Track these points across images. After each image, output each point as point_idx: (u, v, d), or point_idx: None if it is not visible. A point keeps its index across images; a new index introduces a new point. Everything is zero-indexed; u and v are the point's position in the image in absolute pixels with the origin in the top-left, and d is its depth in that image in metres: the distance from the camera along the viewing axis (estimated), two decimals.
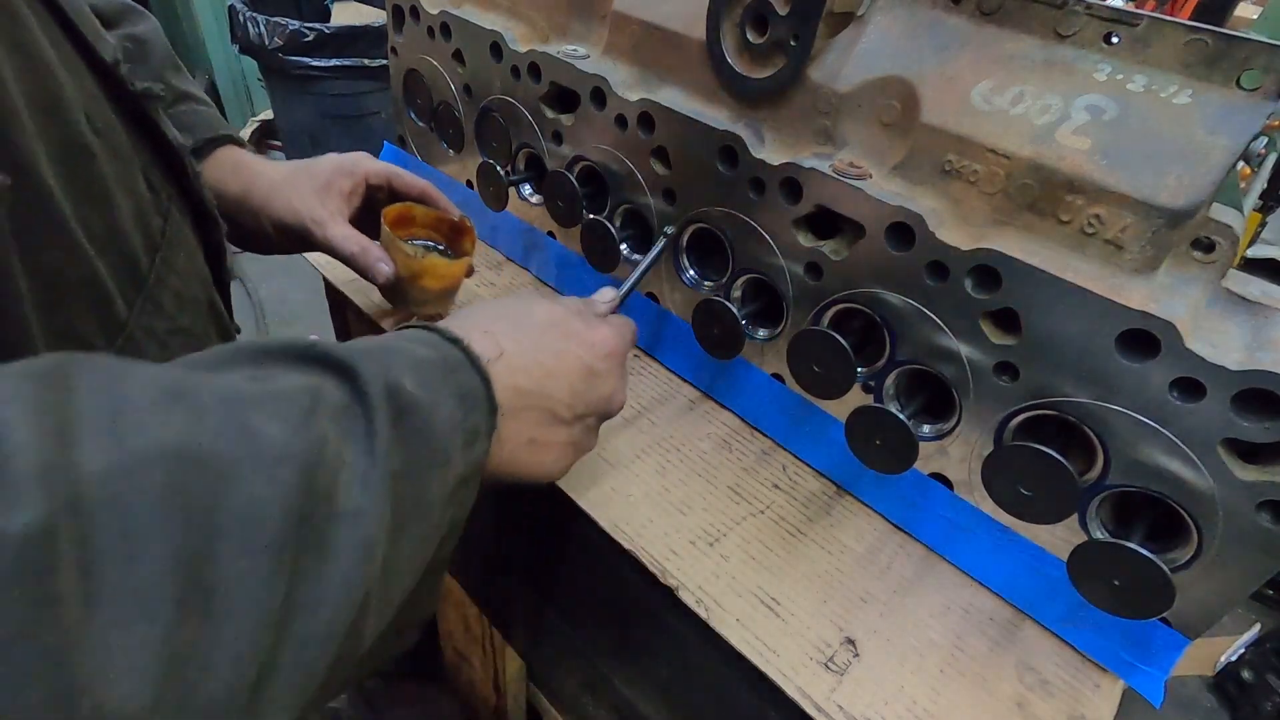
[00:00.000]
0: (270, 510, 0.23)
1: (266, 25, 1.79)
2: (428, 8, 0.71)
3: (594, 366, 0.44)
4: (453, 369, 0.35)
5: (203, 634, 0.21)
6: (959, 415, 0.48)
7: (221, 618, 0.21)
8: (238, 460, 0.23)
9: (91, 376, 0.22)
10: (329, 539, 0.25)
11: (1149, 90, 0.40)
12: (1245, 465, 0.38)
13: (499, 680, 0.99)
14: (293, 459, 0.24)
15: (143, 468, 0.21)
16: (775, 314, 0.56)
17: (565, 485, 0.53)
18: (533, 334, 0.42)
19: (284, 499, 0.23)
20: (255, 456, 0.24)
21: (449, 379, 0.34)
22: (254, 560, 0.22)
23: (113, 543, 0.20)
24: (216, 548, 0.22)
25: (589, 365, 0.43)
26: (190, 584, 0.21)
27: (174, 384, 0.24)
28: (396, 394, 0.30)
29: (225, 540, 0.22)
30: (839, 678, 0.44)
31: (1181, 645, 0.44)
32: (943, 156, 0.45)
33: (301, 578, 0.24)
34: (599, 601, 0.59)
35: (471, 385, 0.35)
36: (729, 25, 0.52)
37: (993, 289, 0.42)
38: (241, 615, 0.22)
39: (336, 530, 0.25)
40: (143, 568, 0.20)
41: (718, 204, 0.55)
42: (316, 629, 0.24)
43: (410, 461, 0.30)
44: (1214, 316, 0.39)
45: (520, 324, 0.42)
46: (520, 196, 0.73)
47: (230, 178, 0.59)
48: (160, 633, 0.20)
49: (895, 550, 0.52)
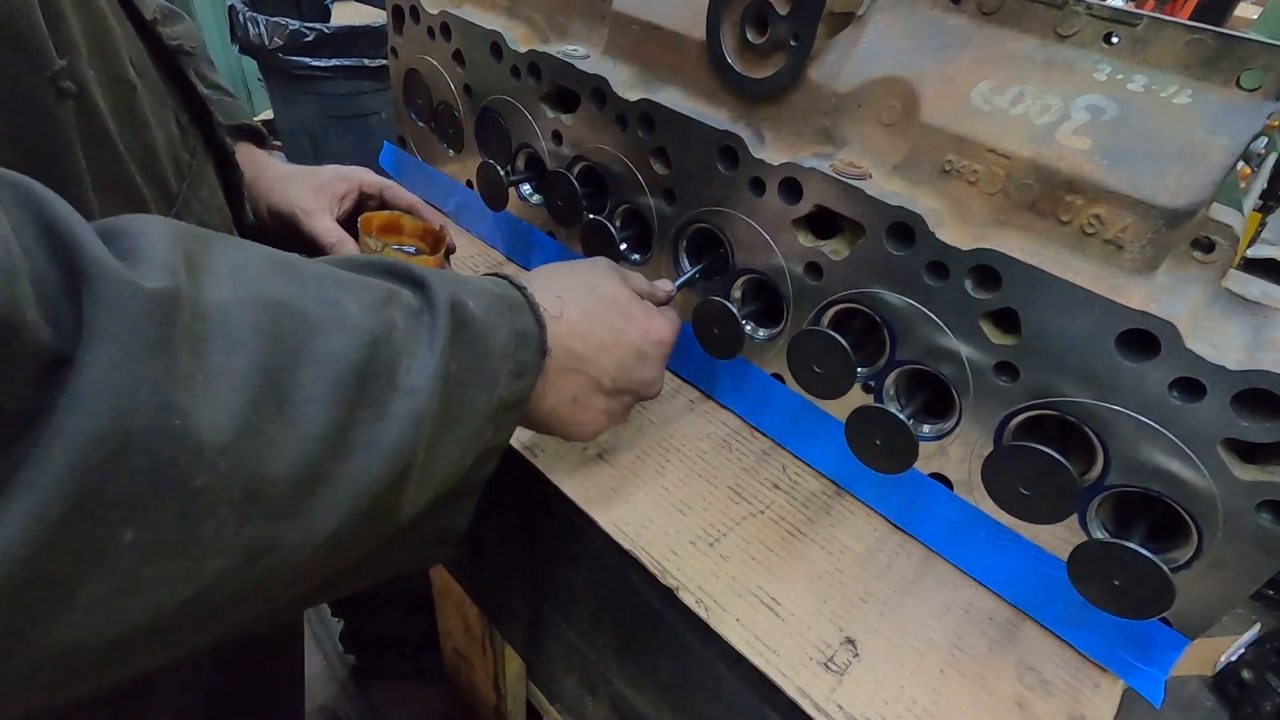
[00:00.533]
0: (341, 361, 0.28)
1: (266, 25, 1.79)
2: (428, 8, 0.71)
3: (644, 350, 0.48)
4: (513, 308, 0.39)
5: (274, 420, 0.25)
6: (959, 415, 0.48)
7: (290, 418, 0.26)
8: (322, 319, 0.28)
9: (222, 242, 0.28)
10: (387, 402, 0.30)
11: (1149, 90, 0.40)
12: (1245, 465, 0.38)
13: (499, 680, 0.99)
14: (365, 330, 0.29)
15: (250, 302, 0.26)
16: (775, 314, 0.56)
17: (565, 486, 0.53)
18: (597, 308, 0.46)
19: (353, 356, 0.28)
20: (336, 320, 0.29)
21: (507, 315, 0.39)
22: (322, 390, 0.27)
23: (218, 333, 0.25)
24: (295, 372, 0.27)
25: (640, 348, 0.47)
26: (270, 385, 0.25)
27: (284, 259, 0.30)
28: (460, 309, 0.35)
29: (302, 369, 0.27)
30: (839, 678, 0.44)
31: (1181, 645, 0.44)
32: (943, 156, 0.45)
33: (359, 421, 0.28)
34: (599, 602, 0.59)
35: (527, 326, 0.40)
36: (729, 25, 0.52)
37: (993, 289, 0.42)
38: (305, 423, 0.26)
39: (393, 398, 0.30)
40: (237, 358, 0.25)
41: (718, 204, 0.55)
42: (367, 464, 0.28)
43: (463, 368, 0.34)
44: (1214, 316, 0.39)
45: (588, 295, 0.46)
46: (520, 196, 0.73)
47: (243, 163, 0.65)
48: (242, 400, 0.24)
49: (895, 550, 0.52)
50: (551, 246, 0.73)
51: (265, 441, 0.25)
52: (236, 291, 0.26)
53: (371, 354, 0.29)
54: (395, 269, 0.35)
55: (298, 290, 0.28)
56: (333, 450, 0.27)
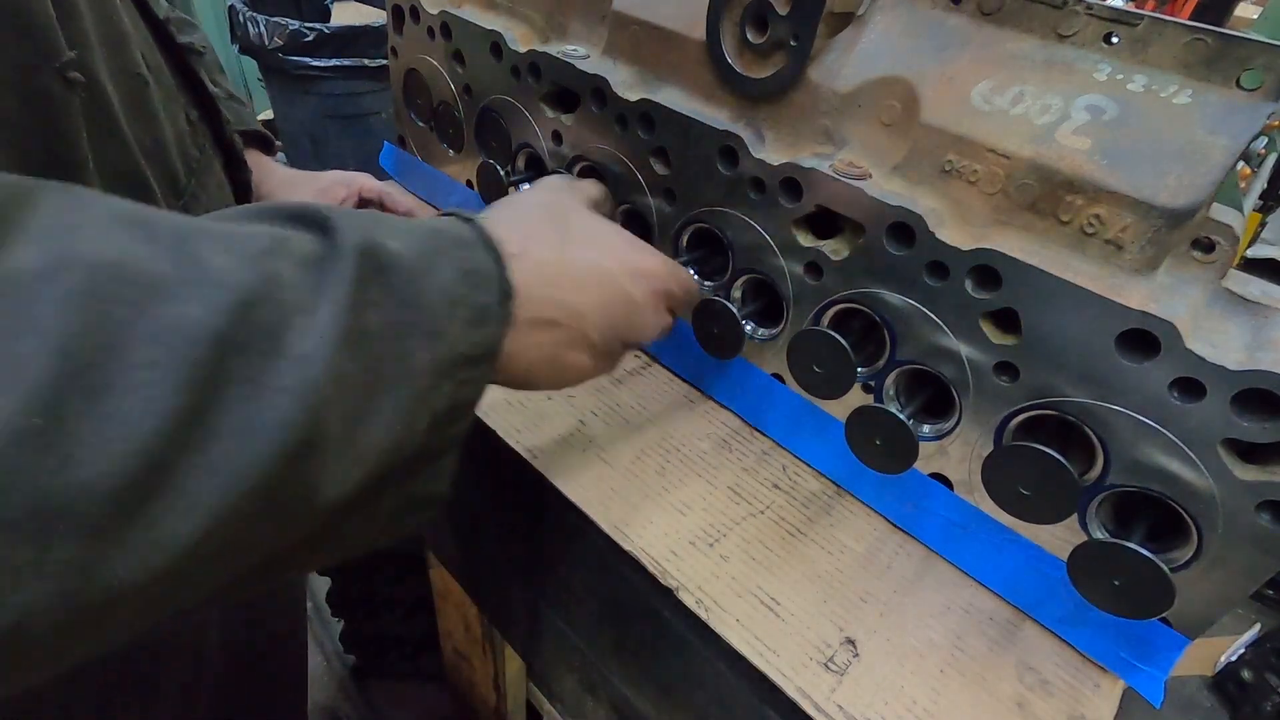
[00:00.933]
0: (194, 330, 0.23)
1: (266, 25, 1.79)
2: (428, 8, 0.71)
3: (630, 293, 0.41)
4: (458, 244, 0.33)
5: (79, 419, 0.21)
6: (959, 415, 0.48)
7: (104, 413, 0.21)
8: (170, 280, 0.23)
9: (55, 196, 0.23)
10: (266, 375, 0.24)
11: (1149, 90, 0.40)
12: (1245, 465, 0.38)
13: (499, 680, 0.99)
14: (233, 288, 0.24)
15: (65, 270, 0.21)
16: (775, 314, 0.56)
17: (565, 486, 0.53)
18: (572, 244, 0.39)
19: (211, 322, 0.23)
20: (192, 280, 0.24)
21: (450, 251, 0.33)
22: (161, 371, 0.22)
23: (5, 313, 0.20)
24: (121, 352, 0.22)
25: (626, 291, 0.41)
26: (76, 374, 0.21)
27: (135, 213, 0.24)
28: (374, 252, 0.29)
29: (131, 348, 0.22)
30: (839, 678, 0.44)
31: (1181, 645, 0.44)
32: (943, 156, 0.45)
33: (223, 402, 0.23)
34: (599, 602, 0.59)
35: (480, 263, 0.34)
36: (729, 25, 0.52)
37: (993, 289, 0.42)
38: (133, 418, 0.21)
39: (276, 368, 0.25)
40: (27, 343, 0.20)
41: (718, 204, 0.55)
42: (239, 451, 0.24)
43: (388, 322, 0.29)
44: (1214, 316, 0.39)
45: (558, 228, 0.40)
46: None
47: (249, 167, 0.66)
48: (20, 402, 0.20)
49: (895, 550, 0.52)
50: None
51: (62, 448, 0.20)
52: (51, 255, 0.21)
53: (241, 317, 0.24)
54: (295, 213, 0.30)
55: (145, 249, 0.23)
56: (179, 441, 0.22)
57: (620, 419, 0.60)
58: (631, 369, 0.65)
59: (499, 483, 0.63)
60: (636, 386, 0.63)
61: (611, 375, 0.64)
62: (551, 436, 0.57)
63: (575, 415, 0.60)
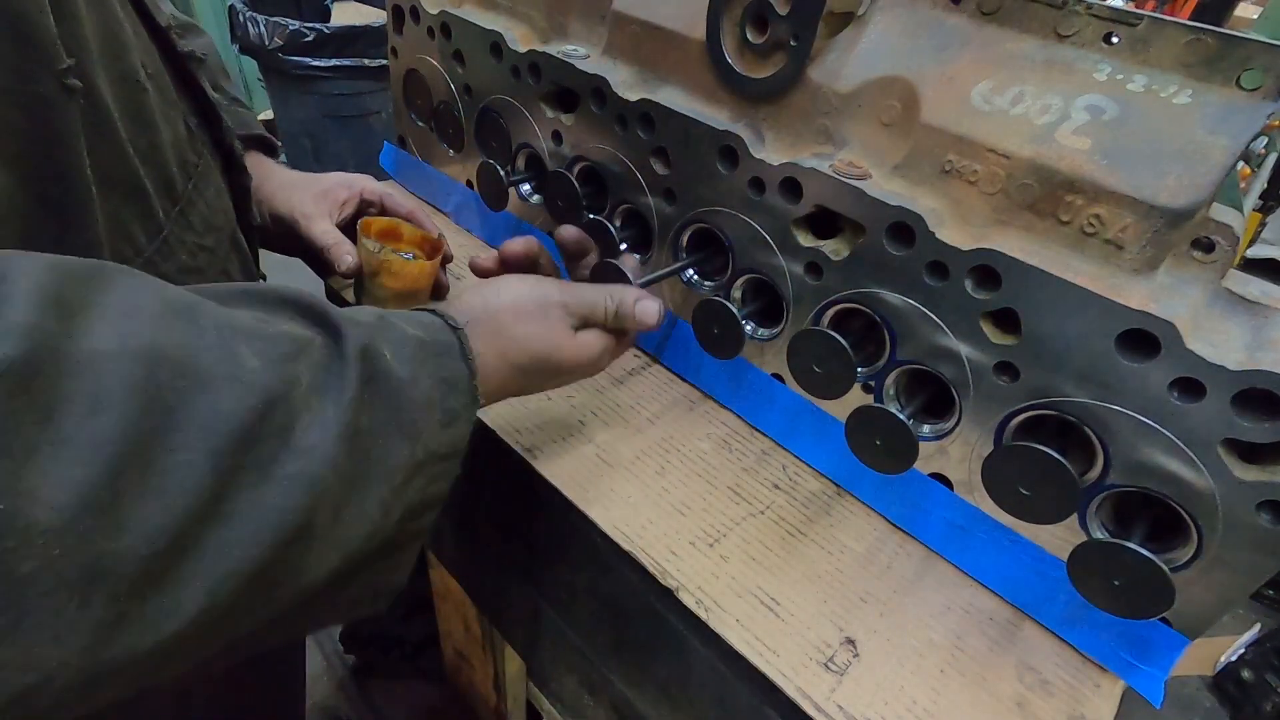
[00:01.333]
0: (228, 422, 0.26)
1: (266, 25, 1.79)
2: (428, 8, 0.71)
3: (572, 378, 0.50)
4: (440, 353, 0.38)
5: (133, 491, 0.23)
6: (959, 415, 0.48)
7: (152, 487, 0.24)
8: (214, 376, 0.26)
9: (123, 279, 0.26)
10: (275, 465, 0.27)
11: (1149, 90, 0.40)
12: (1245, 465, 0.38)
13: (499, 680, 0.99)
14: (262, 388, 0.27)
15: (129, 358, 0.24)
16: (775, 314, 0.56)
17: (564, 487, 0.53)
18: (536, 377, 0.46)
19: (241, 417, 0.26)
20: (229, 377, 0.27)
21: (432, 361, 0.37)
22: (197, 456, 0.25)
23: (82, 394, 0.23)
24: (169, 435, 0.24)
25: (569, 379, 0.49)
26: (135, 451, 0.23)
27: (185, 303, 0.28)
28: (373, 359, 0.33)
29: (178, 431, 0.25)
30: (839, 678, 0.44)
31: (1181, 645, 0.44)
32: (943, 156, 0.45)
33: (238, 486, 0.26)
34: (599, 602, 0.59)
35: (455, 372, 0.38)
36: (729, 25, 0.52)
37: (993, 289, 0.42)
38: (170, 495, 0.24)
39: (283, 459, 0.28)
40: (99, 421, 0.23)
41: (718, 204, 0.55)
42: (246, 531, 0.26)
43: (377, 422, 0.32)
44: (1214, 316, 0.39)
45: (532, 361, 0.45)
46: (520, 196, 0.73)
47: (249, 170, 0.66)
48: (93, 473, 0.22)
49: (895, 550, 0.52)
50: (552, 246, 0.73)
51: (117, 516, 0.23)
52: (117, 341, 0.24)
53: (264, 413, 0.27)
54: (314, 310, 0.33)
55: (193, 340, 0.26)
56: (201, 519, 0.25)
57: (620, 419, 0.60)
58: (631, 369, 0.65)
59: (499, 483, 0.63)
60: (636, 386, 0.63)
61: (611, 375, 0.64)
62: (551, 436, 0.57)
63: (575, 415, 0.60)
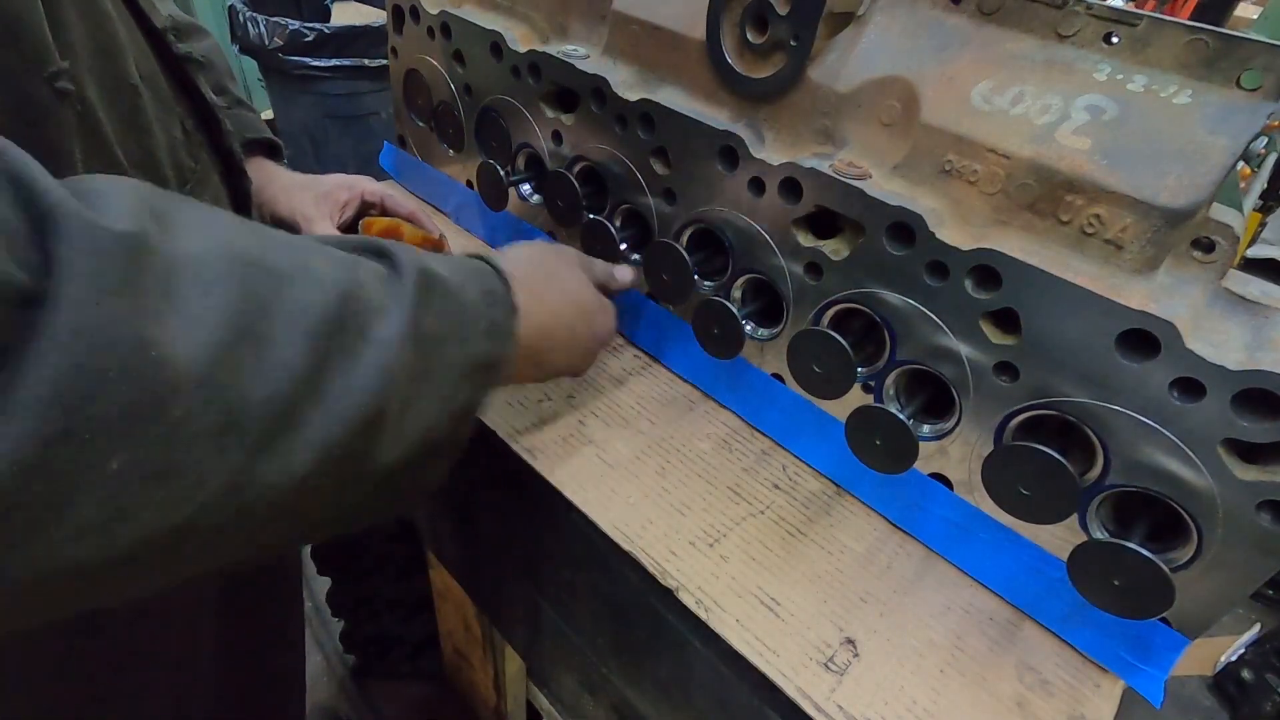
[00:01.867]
0: (313, 310, 0.29)
1: (266, 25, 1.79)
2: (428, 8, 0.71)
3: (589, 347, 0.52)
4: (480, 273, 0.42)
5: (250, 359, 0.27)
6: (959, 415, 0.48)
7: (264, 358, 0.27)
8: (293, 274, 0.30)
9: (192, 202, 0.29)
10: (357, 353, 0.31)
11: (1149, 90, 0.40)
12: (1245, 465, 0.38)
13: (499, 680, 0.99)
14: (336, 284, 0.31)
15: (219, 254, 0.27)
16: (775, 314, 0.56)
17: (565, 487, 0.53)
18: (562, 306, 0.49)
19: (325, 307, 0.30)
20: (306, 276, 0.30)
21: (476, 277, 0.41)
22: (296, 335, 0.29)
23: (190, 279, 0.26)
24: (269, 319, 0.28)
25: (586, 346, 0.51)
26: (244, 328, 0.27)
27: (251, 224, 0.31)
28: (427, 272, 0.36)
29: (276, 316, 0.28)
30: (839, 678, 0.44)
31: (1181, 645, 0.44)
32: (943, 156, 0.45)
33: (331, 368, 0.30)
34: (599, 601, 0.59)
35: (496, 288, 0.42)
36: (729, 25, 0.52)
37: (993, 289, 0.42)
38: (280, 364, 0.28)
39: (363, 349, 0.31)
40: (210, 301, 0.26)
41: (718, 204, 0.55)
42: (339, 409, 0.30)
43: (436, 326, 0.36)
44: (1214, 316, 0.39)
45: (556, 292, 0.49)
46: (520, 196, 0.73)
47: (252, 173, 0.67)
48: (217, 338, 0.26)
49: (895, 550, 0.52)
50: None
51: (242, 376, 0.26)
52: (205, 244, 0.27)
53: (341, 306, 0.30)
54: (360, 244, 0.36)
55: (266, 248, 0.30)
56: (306, 392, 0.29)
57: (620, 419, 0.60)
58: (631, 369, 0.65)
59: (499, 483, 0.63)
60: (636, 387, 0.63)
61: (611, 375, 0.64)
62: (551, 436, 0.57)
63: (575, 415, 0.60)
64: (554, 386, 0.62)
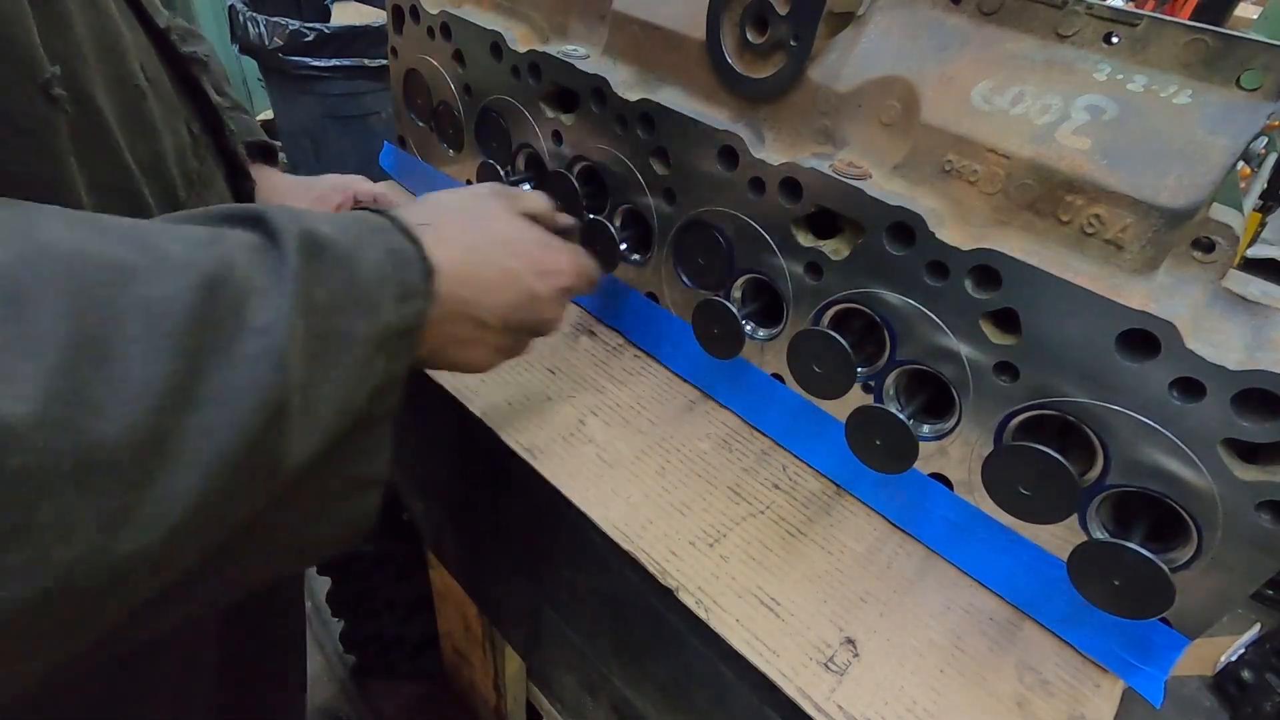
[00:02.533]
0: (171, 307, 0.25)
1: (266, 25, 1.79)
2: (428, 8, 0.71)
3: (536, 291, 0.45)
4: (380, 230, 0.36)
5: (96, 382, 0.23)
6: (959, 415, 0.48)
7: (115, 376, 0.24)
8: (138, 265, 0.25)
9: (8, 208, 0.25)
10: (236, 347, 0.27)
11: (1149, 90, 0.40)
12: (1245, 465, 0.38)
13: (499, 680, 0.99)
14: (194, 269, 0.27)
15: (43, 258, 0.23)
16: (775, 314, 0.56)
17: (565, 487, 0.53)
18: (483, 244, 0.43)
19: (185, 300, 0.26)
20: (156, 264, 0.26)
21: (375, 235, 0.36)
22: (153, 341, 0.25)
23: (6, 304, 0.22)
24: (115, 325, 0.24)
25: (532, 289, 0.45)
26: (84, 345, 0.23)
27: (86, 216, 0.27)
28: (310, 235, 0.32)
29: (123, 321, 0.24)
30: (839, 678, 0.44)
31: (1181, 645, 0.44)
32: (943, 156, 0.45)
33: (206, 372, 0.26)
34: (599, 601, 0.59)
35: (399, 244, 0.36)
36: (729, 25, 0.52)
37: (993, 289, 0.42)
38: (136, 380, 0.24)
39: (245, 340, 0.27)
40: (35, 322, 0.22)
41: (718, 204, 0.55)
42: (224, 415, 0.26)
43: (331, 296, 0.31)
44: (1214, 316, 0.39)
45: (473, 231, 0.43)
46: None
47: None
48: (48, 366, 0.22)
49: (895, 550, 0.52)
50: None
51: (89, 406, 0.23)
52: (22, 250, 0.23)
53: (207, 295, 0.27)
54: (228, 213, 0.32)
55: (100, 238, 0.26)
56: (177, 404, 0.25)
57: (620, 419, 0.60)
58: (631, 369, 0.65)
59: (499, 483, 0.63)
60: (636, 386, 0.63)
61: (612, 375, 0.64)
62: (551, 436, 0.57)
63: (575, 415, 0.60)
64: (554, 385, 0.62)
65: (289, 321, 0.29)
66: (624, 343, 0.68)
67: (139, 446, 0.24)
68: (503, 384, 0.62)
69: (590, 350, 0.67)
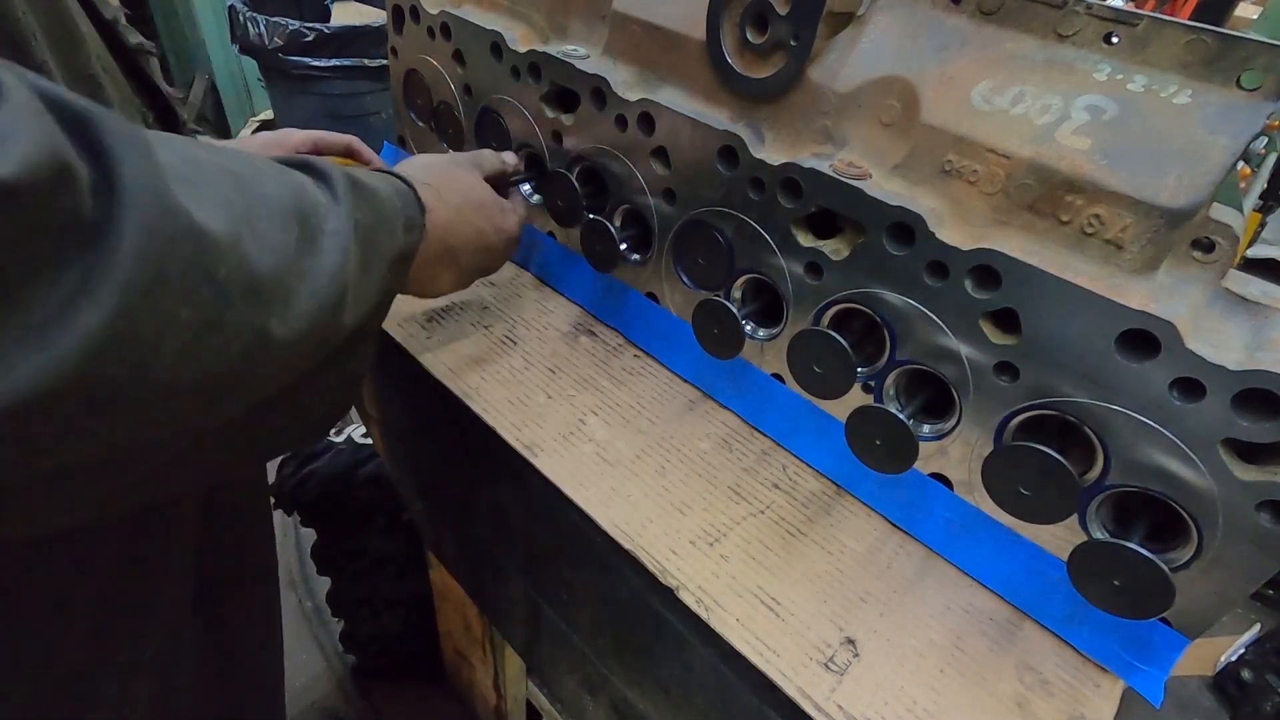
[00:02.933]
0: (282, 201, 0.34)
1: (266, 25, 1.79)
2: (428, 8, 0.71)
3: (493, 244, 0.58)
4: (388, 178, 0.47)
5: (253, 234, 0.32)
6: (959, 415, 0.48)
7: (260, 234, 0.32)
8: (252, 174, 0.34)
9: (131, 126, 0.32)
10: (319, 240, 0.36)
11: (1149, 90, 0.40)
12: (1245, 465, 0.38)
13: (499, 680, 0.99)
14: (287, 183, 0.36)
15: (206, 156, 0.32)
16: (775, 314, 0.56)
17: (565, 486, 0.53)
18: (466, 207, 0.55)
19: (287, 199, 0.35)
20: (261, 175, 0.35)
21: (386, 181, 0.46)
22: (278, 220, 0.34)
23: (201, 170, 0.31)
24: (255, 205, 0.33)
25: (491, 244, 0.57)
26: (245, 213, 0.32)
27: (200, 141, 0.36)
28: (351, 175, 0.41)
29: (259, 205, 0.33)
30: (839, 678, 0.44)
31: (1181, 645, 0.44)
32: (943, 156, 0.45)
33: (305, 251, 0.35)
34: (599, 601, 0.59)
35: (404, 189, 0.48)
36: (729, 25, 0.52)
37: (993, 289, 0.42)
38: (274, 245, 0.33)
39: (322, 238, 0.36)
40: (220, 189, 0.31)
41: (718, 204, 0.55)
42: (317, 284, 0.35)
43: (369, 217, 0.41)
44: (1214, 316, 0.39)
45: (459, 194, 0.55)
46: (520, 196, 0.73)
47: None
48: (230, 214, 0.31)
49: (895, 550, 0.52)
50: (552, 246, 0.73)
51: (254, 250, 0.31)
52: (195, 149, 0.32)
53: (298, 200, 0.35)
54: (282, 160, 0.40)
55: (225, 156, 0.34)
56: (295, 270, 0.34)
57: (620, 419, 0.60)
58: (632, 369, 0.65)
59: (500, 482, 0.63)
60: (636, 386, 0.63)
61: (612, 375, 0.64)
62: (551, 436, 0.57)
63: (575, 415, 0.60)
64: (554, 385, 0.62)
65: (349, 231, 0.38)
66: (624, 342, 0.68)
67: (276, 288, 0.33)
68: (503, 383, 0.62)
69: (590, 350, 0.67)
